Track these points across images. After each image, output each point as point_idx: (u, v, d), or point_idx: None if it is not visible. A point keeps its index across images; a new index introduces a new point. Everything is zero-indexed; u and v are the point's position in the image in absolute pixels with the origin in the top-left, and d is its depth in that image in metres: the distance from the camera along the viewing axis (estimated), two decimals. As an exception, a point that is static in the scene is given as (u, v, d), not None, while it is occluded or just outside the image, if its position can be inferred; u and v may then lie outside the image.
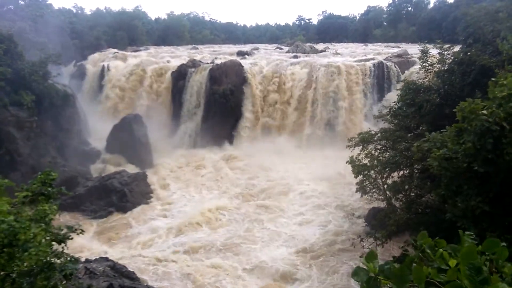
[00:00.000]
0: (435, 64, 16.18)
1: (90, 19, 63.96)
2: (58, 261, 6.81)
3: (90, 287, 8.03)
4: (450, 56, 15.87)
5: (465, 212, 8.57)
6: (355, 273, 2.62)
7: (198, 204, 22.60)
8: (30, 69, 25.45)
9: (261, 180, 25.80)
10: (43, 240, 6.58)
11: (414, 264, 2.67)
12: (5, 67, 23.65)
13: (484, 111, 7.80)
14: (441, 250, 2.82)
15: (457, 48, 16.61)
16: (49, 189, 7.61)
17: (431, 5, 76.27)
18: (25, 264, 6.38)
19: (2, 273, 6.19)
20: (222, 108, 32.79)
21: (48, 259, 6.65)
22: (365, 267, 2.64)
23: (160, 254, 17.27)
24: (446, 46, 16.12)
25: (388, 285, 2.52)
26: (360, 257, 14.23)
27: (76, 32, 48.39)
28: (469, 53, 14.75)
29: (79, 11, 71.53)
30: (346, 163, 15.58)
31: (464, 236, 2.95)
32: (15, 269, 6.34)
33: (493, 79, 9.13)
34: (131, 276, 13.52)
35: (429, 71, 16.28)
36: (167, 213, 21.62)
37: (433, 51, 16.96)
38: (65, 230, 7.20)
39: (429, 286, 2.56)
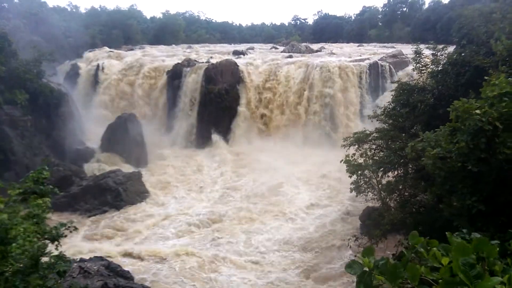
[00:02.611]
0: (428, 65, 16.27)
1: (84, 17, 63.60)
2: (51, 260, 6.79)
3: (86, 287, 7.98)
4: (444, 57, 15.96)
5: (461, 211, 8.64)
6: (349, 266, 2.65)
7: (192, 204, 22.62)
8: (24, 67, 25.35)
9: (256, 179, 25.78)
10: (31, 234, 6.54)
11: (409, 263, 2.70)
12: (-2, 65, 23.53)
13: (478, 111, 7.86)
14: (434, 249, 2.85)
15: (451, 49, 16.70)
16: (42, 187, 7.57)
17: (426, 5, 76.68)
18: (19, 263, 6.36)
19: (-5, 271, 6.17)
20: (217, 107, 32.79)
21: (41, 258, 6.64)
22: (360, 261, 2.67)
23: (155, 253, 17.23)
24: (440, 46, 16.20)
25: (381, 281, 2.54)
26: (355, 256, 14.29)
27: (71, 31, 48.09)
28: (463, 54, 14.83)
29: (74, 10, 71.23)
30: (341, 162, 15.63)
31: (452, 237, 2.99)
32: (9, 268, 6.32)
33: (486, 77, 9.21)
34: (125, 275, 13.50)
35: (422, 71, 16.36)
36: (161, 213, 21.56)
37: (427, 52, 17.05)
38: (58, 228, 7.18)
39: (421, 284, 2.59)
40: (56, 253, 7.07)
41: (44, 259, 6.83)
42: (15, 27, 35.04)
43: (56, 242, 7.06)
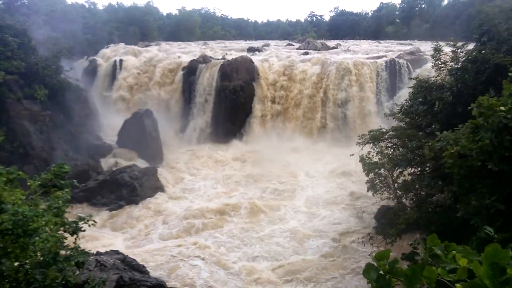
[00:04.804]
0: (448, 62, 15.99)
1: (102, 14, 64.37)
2: (69, 252, 6.93)
3: (103, 281, 8.10)
4: (463, 54, 15.67)
5: (479, 210, 8.50)
6: (366, 271, 2.60)
7: (207, 200, 22.74)
8: (43, 63, 25.75)
9: (271, 176, 25.77)
10: (53, 227, 6.68)
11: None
12: (19, 61, 23.97)
13: (502, 107, 7.72)
14: (453, 252, 2.79)
15: (471, 46, 16.38)
16: (62, 181, 7.72)
17: (445, 2, 75.37)
18: (38, 255, 6.49)
19: (16, 263, 6.31)
20: (232, 104, 32.85)
21: (60, 250, 6.77)
22: (375, 264, 2.63)
23: (170, 248, 17.41)
24: (460, 44, 15.90)
25: (398, 283, 2.51)
26: (369, 255, 14.17)
27: (89, 27, 48.73)
28: (483, 51, 14.53)
29: (92, 6, 71.92)
30: (352, 155, 15.51)
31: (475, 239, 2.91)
32: (28, 260, 6.46)
33: (510, 73, 9.03)
34: (140, 269, 13.65)
35: (441, 69, 16.10)
36: (176, 208, 21.72)
37: (446, 49, 16.76)
38: (77, 222, 7.30)
39: (438, 286, 2.55)
40: (73, 246, 7.20)
41: (62, 251, 6.95)
42: (35, 23, 35.67)
43: (75, 235, 7.19)
